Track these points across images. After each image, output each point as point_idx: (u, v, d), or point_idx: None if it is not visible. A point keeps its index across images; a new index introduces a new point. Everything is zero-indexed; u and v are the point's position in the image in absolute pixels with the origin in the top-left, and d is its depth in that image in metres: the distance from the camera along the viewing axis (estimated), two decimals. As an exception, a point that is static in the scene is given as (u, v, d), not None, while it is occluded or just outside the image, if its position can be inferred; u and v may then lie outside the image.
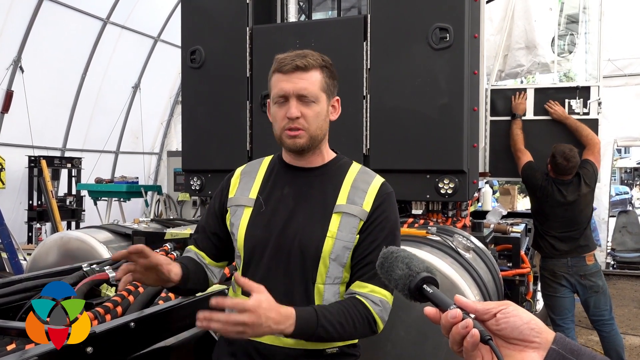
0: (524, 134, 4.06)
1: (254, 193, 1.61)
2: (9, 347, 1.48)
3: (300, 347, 1.48)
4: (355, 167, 1.64)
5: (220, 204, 1.67)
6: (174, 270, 1.50)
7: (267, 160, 1.71)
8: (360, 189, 1.57)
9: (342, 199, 1.55)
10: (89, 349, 1.41)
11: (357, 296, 1.50)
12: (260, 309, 1.29)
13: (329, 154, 1.64)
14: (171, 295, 1.98)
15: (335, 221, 1.53)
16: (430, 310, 0.88)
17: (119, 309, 1.91)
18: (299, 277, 1.52)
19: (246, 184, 1.65)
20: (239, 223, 1.58)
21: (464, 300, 0.85)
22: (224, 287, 2.06)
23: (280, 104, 1.53)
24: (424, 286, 0.92)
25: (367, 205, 1.55)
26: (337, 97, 1.62)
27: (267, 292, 1.33)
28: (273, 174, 1.64)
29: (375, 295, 1.50)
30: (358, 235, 1.54)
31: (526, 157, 4.01)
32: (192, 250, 1.70)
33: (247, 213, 1.58)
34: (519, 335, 0.81)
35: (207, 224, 1.70)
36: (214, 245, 1.68)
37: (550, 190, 3.90)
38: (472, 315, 0.83)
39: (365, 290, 1.51)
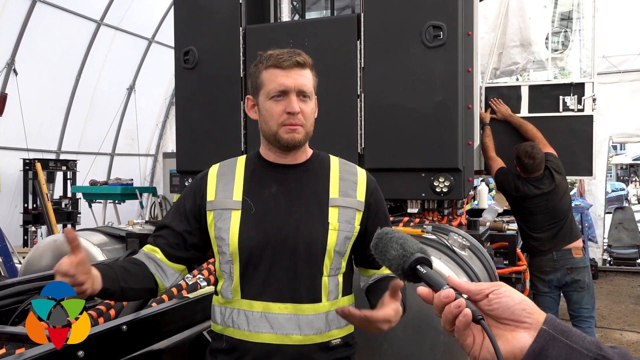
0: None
1: (238, 195, 1.57)
2: (-1, 352, 1.47)
3: (310, 343, 1.50)
4: (334, 160, 1.67)
5: (195, 206, 1.60)
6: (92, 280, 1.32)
7: (241, 160, 1.67)
8: (349, 180, 1.62)
9: (334, 192, 1.58)
10: (80, 353, 1.39)
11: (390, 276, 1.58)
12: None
13: (308, 150, 1.65)
14: (165, 297, 1.96)
15: (333, 214, 1.55)
16: (423, 290, 0.88)
17: (112, 312, 1.90)
18: (305, 272, 1.52)
19: (226, 186, 1.59)
20: (229, 227, 1.53)
21: (457, 280, 0.86)
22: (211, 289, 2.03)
23: (278, 99, 1.52)
24: (418, 267, 0.93)
25: (361, 195, 1.60)
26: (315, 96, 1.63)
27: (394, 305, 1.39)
28: (256, 174, 1.61)
29: None
30: (358, 226, 1.57)
31: (497, 163, 4.02)
32: (142, 251, 1.61)
33: (236, 216, 1.54)
34: (510, 315, 0.81)
35: (171, 223, 1.61)
36: (175, 244, 1.59)
37: (525, 188, 3.89)
38: (465, 296, 0.84)
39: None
